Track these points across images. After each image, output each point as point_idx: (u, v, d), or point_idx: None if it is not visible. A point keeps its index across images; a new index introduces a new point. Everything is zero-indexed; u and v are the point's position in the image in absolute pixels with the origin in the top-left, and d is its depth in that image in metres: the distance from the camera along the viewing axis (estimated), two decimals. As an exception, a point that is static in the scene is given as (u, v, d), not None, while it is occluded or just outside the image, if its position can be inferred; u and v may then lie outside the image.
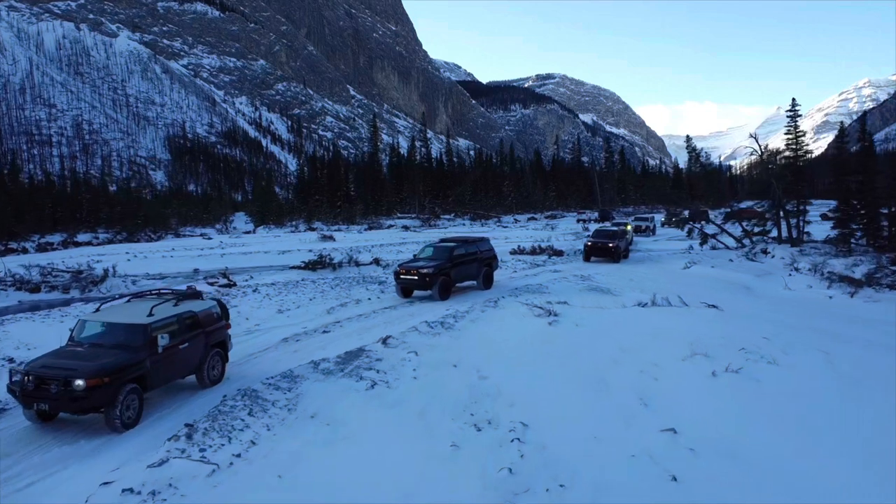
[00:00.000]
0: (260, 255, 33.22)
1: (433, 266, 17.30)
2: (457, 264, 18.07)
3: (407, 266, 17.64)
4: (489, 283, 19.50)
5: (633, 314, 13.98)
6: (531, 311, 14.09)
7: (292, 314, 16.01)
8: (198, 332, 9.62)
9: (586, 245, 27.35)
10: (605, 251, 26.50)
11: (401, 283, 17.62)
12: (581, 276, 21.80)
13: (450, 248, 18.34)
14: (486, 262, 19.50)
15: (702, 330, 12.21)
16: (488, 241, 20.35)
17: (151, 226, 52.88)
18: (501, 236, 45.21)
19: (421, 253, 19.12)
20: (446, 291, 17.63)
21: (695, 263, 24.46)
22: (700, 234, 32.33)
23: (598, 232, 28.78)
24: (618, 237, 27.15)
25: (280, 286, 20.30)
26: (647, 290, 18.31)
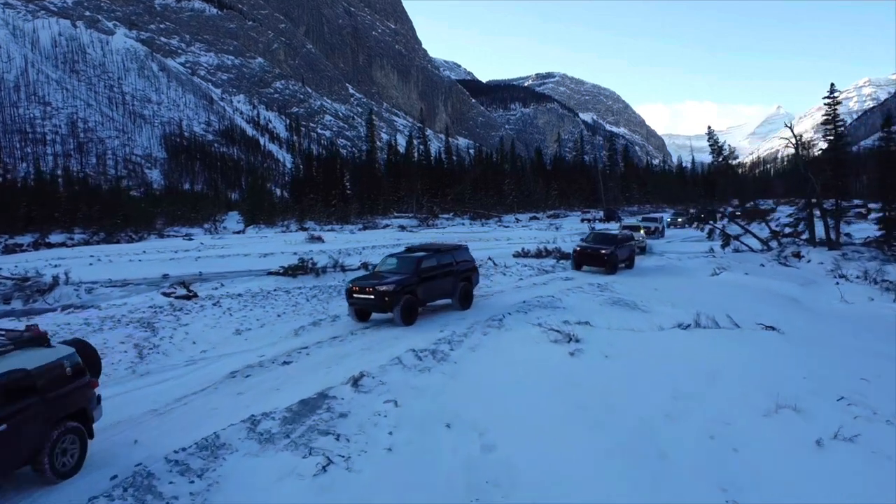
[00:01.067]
0: (239, 258, 30.31)
1: (395, 282, 13.54)
2: (426, 279, 14.35)
3: (362, 283, 13.85)
4: (467, 301, 15.68)
5: (675, 340, 11.08)
6: (546, 334, 11.20)
7: (252, 336, 13.10)
8: (28, 404, 6.03)
9: (575, 251, 23.32)
10: (598, 259, 22.32)
11: (354, 303, 13.83)
12: (598, 285, 18.90)
13: (416, 259, 14.61)
14: (463, 276, 15.69)
15: (774, 365, 9.32)
16: (467, 250, 16.66)
17: (133, 225, 49.94)
18: (503, 237, 42.32)
19: (382, 265, 15.34)
20: (412, 314, 13.86)
21: (724, 269, 21.56)
22: (721, 236, 29.44)
23: (594, 235, 24.95)
24: (615, 243, 23.02)
25: (248, 297, 17.39)
26: (680, 304, 15.43)
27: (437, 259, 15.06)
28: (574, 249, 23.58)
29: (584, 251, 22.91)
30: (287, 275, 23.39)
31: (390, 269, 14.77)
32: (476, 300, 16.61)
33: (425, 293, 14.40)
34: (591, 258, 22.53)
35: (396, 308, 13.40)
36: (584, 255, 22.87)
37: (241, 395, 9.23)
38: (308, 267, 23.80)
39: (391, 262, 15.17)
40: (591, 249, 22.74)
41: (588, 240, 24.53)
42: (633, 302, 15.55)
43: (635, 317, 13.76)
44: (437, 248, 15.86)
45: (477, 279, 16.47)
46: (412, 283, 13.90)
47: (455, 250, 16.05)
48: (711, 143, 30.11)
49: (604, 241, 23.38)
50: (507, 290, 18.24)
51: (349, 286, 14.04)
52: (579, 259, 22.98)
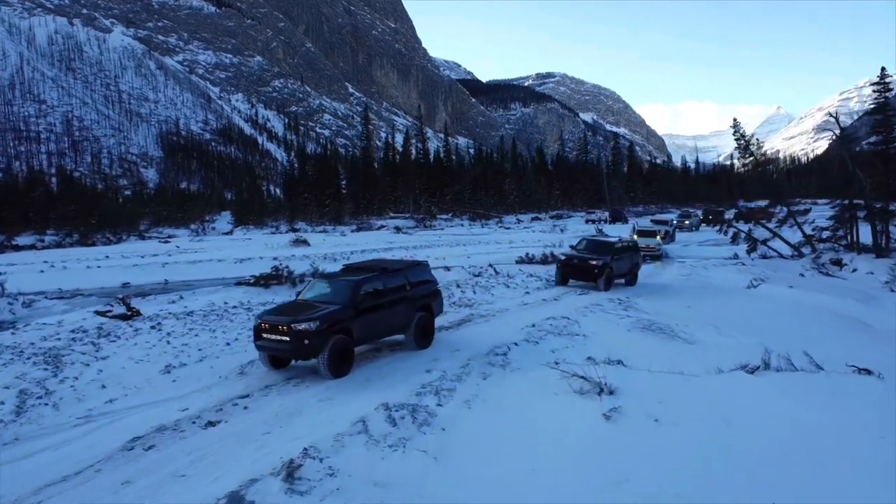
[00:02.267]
0: (211, 264, 27.34)
1: (320, 317, 9.58)
2: (366, 311, 10.39)
3: (274, 318, 9.80)
4: (426, 338, 11.60)
5: (746, 391, 8.11)
6: (567, 381, 8.23)
7: (184, 375, 10.12)
8: None
9: (560, 261, 19.42)
10: (587, 272, 18.33)
11: (264, 348, 9.87)
12: (619, 301, 15.95)
13: (354, 283, 10.51)
14: (420, 303, 11.64)
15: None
16: (427, 269, 12.62)
17: (111, 227, 46.93)
18: (504, 240, 39.36)
19: (309, 290, 11.24)
20: (343, 363, 9.84)
21: (762, 281, 18.60)
22: (747, 240, 26.51)
23: (586, 242, 20.56)
24: (611, 252, 18.79)
25: (200, 317, 14.44)
26: (726, 329, 12.48)
27: (384, 282, 10.96)
28: (559, 259, 19.58)
29: (571, 262, 18.87)
30: (258, 285, 20.47)
31: (319, 296, 10.74)
32: (476, 322, 13.64)
33: (365, 330, 10.36)
34: (580, 271, 18.59)
35: (322, 355, 9.49)
36: (570, 266, 18.83)
37: (126, 486, 6.26)
38: (282, 276, 20.86)
39: (321, 286, 11.06)
40: (579, 260, 18.75)
41: (578, 247, 20.35)
42: (668, 326, 12.57)
43: (677, 349, 10.79)
44: (385, 266, 11.65)
45: (440, 306, 12.39)
46: (345, 317, 9.92)
47: (409, 269, 11.94)
48: (738, 138, 27.15)
49: (596, 251, 19.17)
50: (512, 308, 15.26)
51: (257, 322, 9.96)
52: (565, 271, 18.99)
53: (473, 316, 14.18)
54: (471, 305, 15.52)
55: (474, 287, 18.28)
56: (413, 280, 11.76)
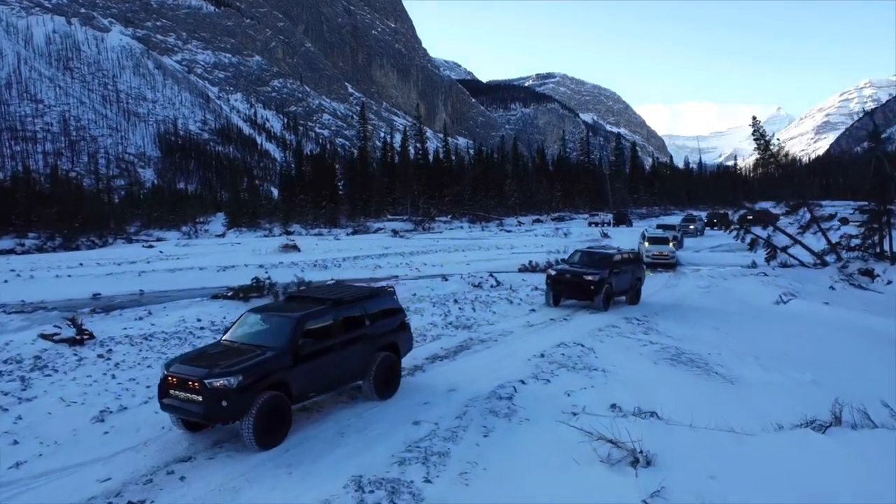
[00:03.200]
0: (192, 272, 25.51)
1: (245, 368, 7.27)
2: (311, 356, 7.99)
3: (183, 370, 7.43)
4: (389, 385, 9.21)
5: (817, 460, 6.31)
6: (592, 445, 6.44)
7: (121, 425, 8.31)
8: None
9: (551, 277, 16.82)
10: (582, 289, 15.99)
11: (171, 409, 7.52)
12: (637, 321, 14.16)
13: (294, 321, 8.11)
14: (383, 343, 9.29)
15: None
16: (391, 297, 10.33)
17: (96, 229, 45.10)
18: (506, 244, 37.53)
19: (239, 327, 8.63)
20: (275, 429, 7.45)
21: (793, 296, 16.79)
22: (766, 247, 24.72)
23: (581, 254, 18.08)
24: (609, 266, 16.45)
25: (159, 341, 12.64)
26: (767, 359, 10.68)
27: (336, 315, 8.62)
28: (549, 274, 16.92)
29: (563, 278, 16.38)
30: (237, 298, 18.62)
31: (249, 337, 8.24)
32: (475, 348, 11.81)
33: (308, 382, 7.92)
34: (574, 288, 16.20)
35: (246, 419, 7.15)
36: (562, 283, 16.39)
37: None
38: (264, 287, 19.04)
39: (254, 323, 8.53)
40: (572, 276, 16.25)
41: (571, 260, 17.95)
42: (701, 357, 10.75)
43: (717, 390, 8.97)
44: (338, 296, 9.11)
45: (408, 343, 10.00)
46: (280, 366, 7.56)
47: (369, 299, 9.44)
48: (757, 138, 25.38)
49: (593, 264, 16.73)
50: (516, 330, 13.45)
51: (164, 373, 7.61)
52: (557, 289, 16.52)
53: (472, 341, 12.36)
54: (469, 327, 13.71)
55: (473, 303, 16.48)
56: (373, 312, 9.30)
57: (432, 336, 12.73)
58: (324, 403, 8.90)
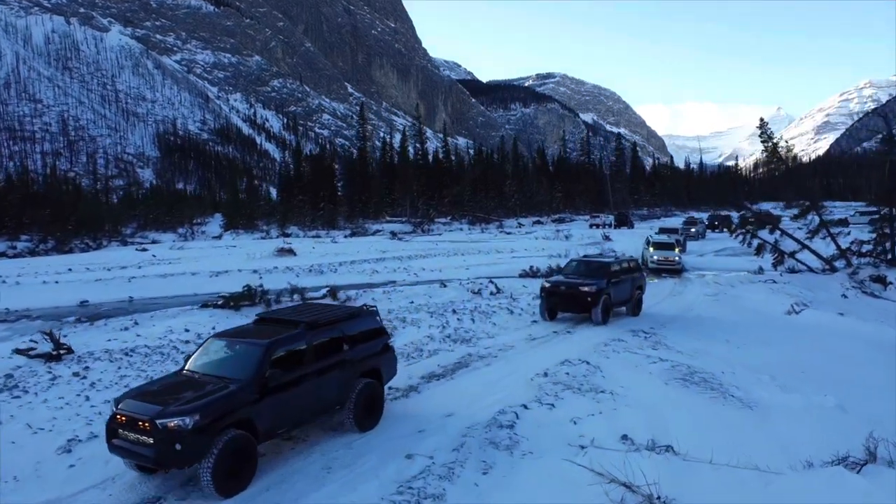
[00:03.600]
0: (184, 278, 24.86)
1: (201, 407, 6.36)
2: (280, 388, 7.11)
3: (133, 407, 6.56)
4: (370, 415, 8.29)
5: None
6: (603, 489, 5.79)
7: (89, 455, 7.65)
8: None
9: (545, 289, 15.65)
10: (579, 301, 14.91)
11: (120, 451, 6.58)
12: (643, 333, 13.50)
13: (262, 348, 7.21)
14: (364, 368, 8.40)
15: None
16: (373, 317, 9.11)
17: (90, 231, 44.40)
18: (506, 248, 36.86)
19: (202, 355, 7.69)
20: (239, 473, 6.58)
21: (805, 306, 16.13)
22: (773, 252, 24.05)
23: (577, 264, 16.94)
24: (607, 275, 15.33)
25: (140, 356, 11.99)
26: (784, 377, 10.04)
27: (309, 339, 7.63)
28: (543, 286, 15.77)
29: (558, 290, 15.27)
30: (227, 307, 17.94)
31: (212, 366, 7.31)
32: (474, 365, 11.15)
33: (277, 416, 7.01)
34: (569, 300, 15.09)
35: (206, 462, 6.25)
36: (557, 295, 15.26)
37: None
38: (256, 295, 18.37)
39: (218, 350, 7.57)
40: (567, 287, 15.13)
41: (566, 270, 16.86)
42: (714, 376, 10.09)
43: (735, 416, 8.30)
44: (314, 318, 8.03)
45: (392, 368, 9.05)
46: (244, 401, 6.62)
47: (348, 320, 8.44)
48: (764, 140, 24.69)
49: (589, 274, 15.60)
50: (518, 344, 12.79)
51: (112, 410, 6.75)
52: (551, 302, 15.41)
53: (472, 357, 11.70)
54: (469, 340, 13.05)
55: (473, 313, 15.82)
56: (353, 334, 8.32)
57: (429, 351, 12.08)
58: (311, 430, 8.23)
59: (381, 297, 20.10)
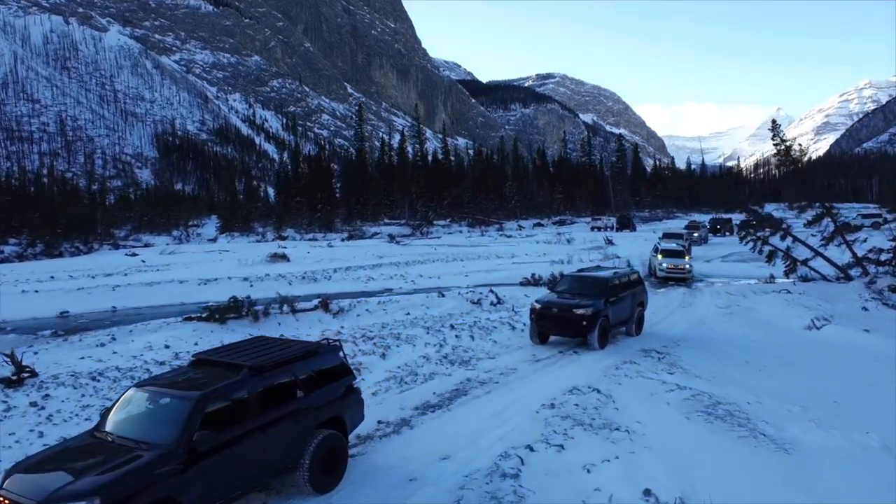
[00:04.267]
0: (171, 286, 23.87)
1: (104, 486, 4.93)
2: (215, 450, 5.71)
3: (19, 491, 5.11)
4: (331, 474, 6.89)
5: None
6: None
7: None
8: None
9: (535, 310, 13.66)
10: (572, 325, 13.08)
11: None
12: (656, 354, 12.52)
13: (191, 405, 5.72)
14: (322, 418, 7.01)
15: None
16: (335, 354, 7.62)
17: (81, 234, 43.35)
18: (506, 253, 35.86)
19: (123, 408, 6.19)
20: None
21: (826, 321, 15.13)
22: (785, 259, 23.06)
23: (571, 279, 15.06)
24: (605, 293, 13.60)
25: (109, 381, 10.99)
26: (817, 410, 9.04)
27: (253, 386, 6.26)
28: (533, 308, 13.78)
29: (549, 312, 13.36)
30: (212, 320, 16.98)
31: (131, 425, 5.92)
32: (473, 393, 10.14)
33: (211, 487, 5.70)
34: (562, 324, 13.22)
35: None
36: (549, 318, 13.39)
37: None
38: (242, 307, 17.38)
39: (139, 403, 6.14)
40: (559, 309, 13.27)
41: (559, 288, 14.83)
42: (739, 408, 9.10)
43: (770, 463, 7.30)
44: (259, 360, 6.61)
45: (357, 414, 7.65)
46: (164, 473, 5.29)
47: (302, 359, 7.00)
48: (777, 143, 23.70)
49: (585, 292, 13.81)
50: (521, 367, 11.79)
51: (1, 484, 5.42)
52: (542, 325, 13.57)
53: (471, 382, 10.70)
54: (467, 362, 12.05)
55: (472, 329, 14.83)
56: (309, 375, 6.88)
57: (424, 375, 11.08)
58: (254, 496, 6.76)
59: (376, 307, 19.14)
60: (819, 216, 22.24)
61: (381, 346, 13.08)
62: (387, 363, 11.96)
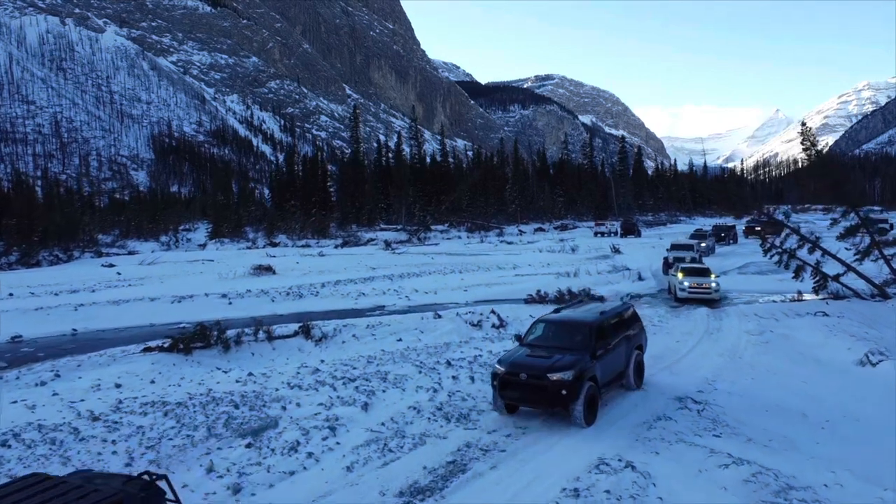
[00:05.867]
0: (141, 305, 21.77)
1: None
2: None
3: None
4: None
5: None
6: None
7: None
8: None
9: (497, 375, 9.92)
10: (545, 395, 9.49)
11: None
12: (694, 402, 10.45)
13: None
14: None
15: None
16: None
17: (61, 242, 41.16)
18: (508, 263, 33.74)
19: None
20: None
21: (883, 356, 13.06)
22: (814, 274, 21.00)
23: (545, 329, 11.08)
24: (589, 343, 10.20)
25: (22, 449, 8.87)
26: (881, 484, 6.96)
27: None
28: (495, 371, 10.06)
29: (516, 378, 9.67)
30: (176, 350, 14.92)
31: None
32: (475, 468, 8.04)
33: None
34: (533, 393, 9.63)
35: None
36: (515, 386, 9.72)
37: None
38: (210, 336, 15.28)
39: None
40: (530, 373, 9.59)
41: (530, 339, 10.98)
42: (815, 493, 7.05)
43: None
44: None
45: None
46: None
47: None
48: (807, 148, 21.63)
49: (563, 343, 10.31)
50: (532, 425, 9.68)
51: None
52: (507, 395, 9.82)
53: (471, 450, 8.59)
54: (467, 416, 9.97)
55: (472, 365, 12.78)
56: None
57: (413, 438, 8.99)
58: None
59: (364, 332, 17.07)
60: (853, 228, 20.19)
61: (363, 392, 11.01)
62: (369, 417, 9.88)
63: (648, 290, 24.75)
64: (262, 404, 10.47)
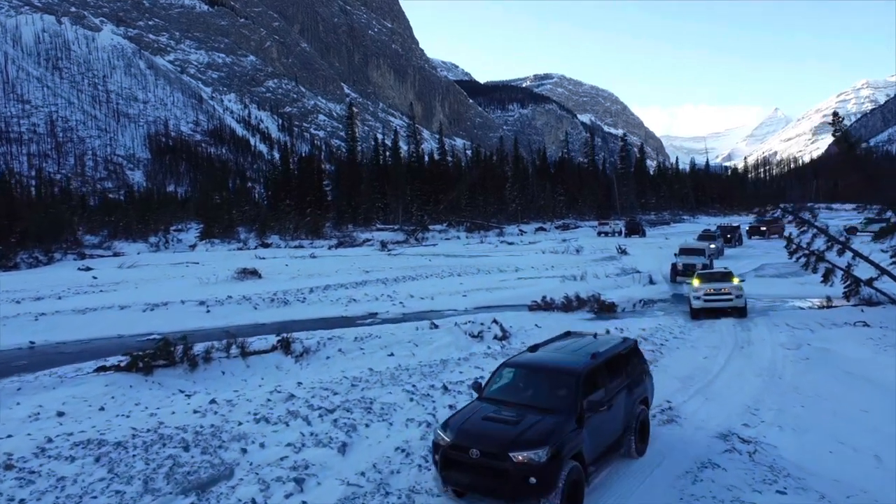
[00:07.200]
0: (110, 313, 19.94)
1: None
2: None
3: None
4: None
5: None
6: None
7: None
8: None
9: (439, 447, 6.87)
10: (504, 483, 6.31)
11: None
12: (740, 440, 8.64)
13: None
14: None
15: None
16: None
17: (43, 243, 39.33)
18: (509, 265, 31.91)
19: None
20: None
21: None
22: (845, 279, 19.23)
23: (515, 374, 7.87)
24: (571, 401, 6.95)
25: None
26: None
27: None
28: (437, 441, 7.00)
29: (464, 456, 6.58)
30: (135, 369, 13.06)
31: None
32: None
33: None
34: (486, 479, 6.48)
35: None
36: (462, 466, 6.63)
37: None
38: (174, 354, 13.45)
39: None
40: (482, 449, 6.46)
41: (491, 392, 7.73)
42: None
43: None
44: None
45: None
46: None
47: None
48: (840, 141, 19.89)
49: (536, 402, 7.21)
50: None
51: None
52: (452, 478, 6.76)
53: (471, 513, 6.77)
54: (466, 462, 8.11)
55: (472, 392, 10.92)
56: None
57: (399, 497, 7.16)
58: None
59: (352, 346, 15.26)
60: (889, 228, 18.40)
61: (343, 427, 9.19)
62: (346, 463, 8.06)
63: (661, 294, 22.99)
64: (219, 445, 8.64)
